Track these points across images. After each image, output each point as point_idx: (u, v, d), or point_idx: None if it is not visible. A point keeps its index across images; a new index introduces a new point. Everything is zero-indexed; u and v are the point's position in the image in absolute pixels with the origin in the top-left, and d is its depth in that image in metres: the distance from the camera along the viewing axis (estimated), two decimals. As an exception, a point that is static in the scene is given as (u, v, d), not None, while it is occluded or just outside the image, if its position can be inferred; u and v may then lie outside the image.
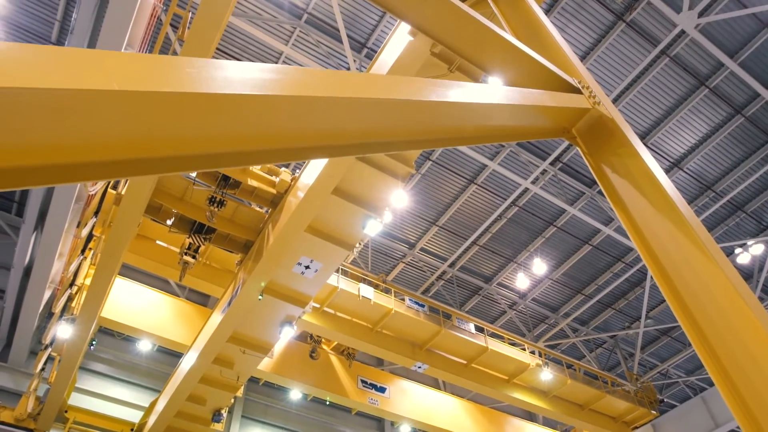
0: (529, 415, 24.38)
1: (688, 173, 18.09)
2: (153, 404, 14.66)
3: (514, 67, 4.06)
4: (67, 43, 12.26)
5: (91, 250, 12.47)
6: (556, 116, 3.56)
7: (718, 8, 14.07)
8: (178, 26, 12.08)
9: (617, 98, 16.39)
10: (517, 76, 4.01)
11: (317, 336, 16.87)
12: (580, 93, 3.71)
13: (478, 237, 20.77)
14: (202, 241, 11.02)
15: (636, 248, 3.38)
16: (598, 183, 3.65)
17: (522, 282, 21.59)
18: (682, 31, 14.63)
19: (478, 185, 18.93)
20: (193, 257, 11.03)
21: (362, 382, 17.66)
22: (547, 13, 14.39)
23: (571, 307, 23.15)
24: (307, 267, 10.36)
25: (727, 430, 19.19)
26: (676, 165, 17.95)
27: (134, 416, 16.21)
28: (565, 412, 19.02)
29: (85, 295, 11.31)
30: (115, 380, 17.97)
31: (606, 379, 20.18)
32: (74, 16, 9.92)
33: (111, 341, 18.34)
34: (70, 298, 12.77)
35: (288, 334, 11.69)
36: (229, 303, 10.96)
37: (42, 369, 14.03)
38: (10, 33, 15.08)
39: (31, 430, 13.82)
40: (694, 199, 18.70)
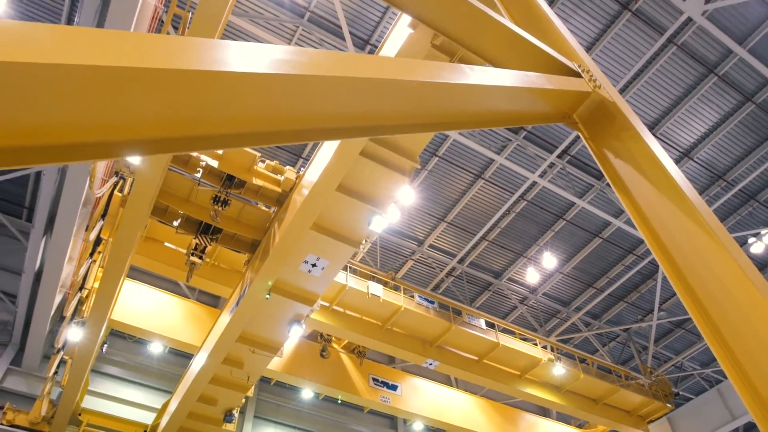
0: (542, 411, 24.23)
1: (698, 163, 17.85)
2: (165, 406, 14.72)
3: (513, 53, 3.98)
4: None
5: (101, 254, 12.53)
6: (555, 100, 3.48)
7: (725, -6, 13.87)
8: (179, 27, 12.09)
9: (624, 88, 16.19)
10: (517, 63, 3.93)
11: (327, 335, 16.86)
12: (579, 77, 3.63)
13: (487, 232, 20.65)
14: (209, 241, 11.03)
15: (640, 233, 3.30)
16: (600, 168, 3.57)
17: (532, 277, 21.43)
18: (689, 19, 14.42)
19: (486, 180, 18.81)
20: (200, 258, 11.03)
21: (374, 380, 17.64)
22: (551, 4, 14.25)
23: (583, 301, 22.96)
24: (313, 265, 10.33)
25: (744, 423, 18.96)
26: (686, 155, 17.72)
27: (147, 418, 16.29)
28: (579, 407, 18.88)
29: (94, 298, 11.36)
30: (128, 382, 18.08)
31: (620, 373, 20.00)
32: (76, 20, 9.97)
33: (123, 344, 18.44)
34: (80, 302, 12.84)
35: (297, 332, 11.67)
36: (237, 303, 10.96)
37: (55, 372, 14.13)
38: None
39: (45, 434, 13.93)
40: (706, 189, 18.45)
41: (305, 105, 2.30)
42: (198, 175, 10.42)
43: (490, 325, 17.78)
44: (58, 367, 14.03)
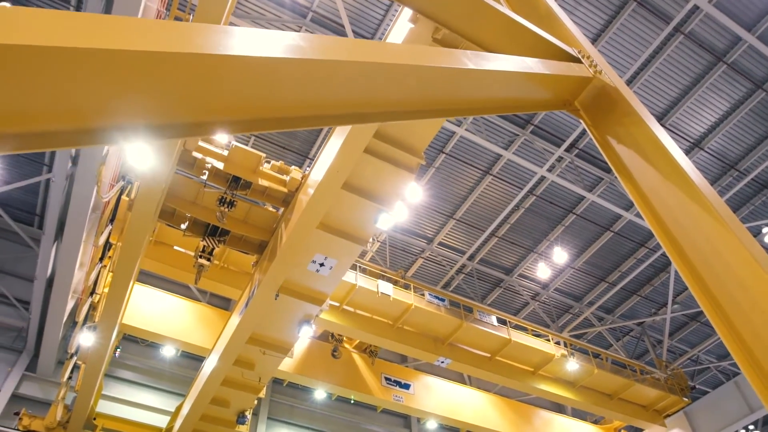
0: (557, 407, 24.05)
1: (709, 153, 17.62)
2: (179, 409, 14.76)
3: (513, 41, 3.92)
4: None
5: (111, 258, 12.59)
6: (555, 87, 3.41)
7: (732, -20, 13.68)
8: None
9: (632, 79, 16.02)
10: (517, 51, 3.86)
11: (338, 335, 16.83)
12: (579, 62, 3.56)
13: (497, 228, 20.54)
14: (216, 243, 11.04)
15: (645, 220, 3.22)
16: (603, 155, 3.49)
17: (543, 272, 21.28)
18: (696, 7, 14.23)
19: (494, 176, 18.70)
20: (208, 260, 11.04)
21: (386, 379, 17.57)
22: (555, -3, 14.12)
23: (595, 296, 22.76)
24: (321, 264, 10.30)
25: (763, 415, 18.68)
26: (696, 145, 17.50)
27: (161, 421, 16.35)
28: (594, 402, 18.70)
29: (104, 302, 11.41)
30: (141, 386, 18.19)
31: (634, 368, 19.79)
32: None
33: (135, 348, 18.55)
34: (92, 307, 12.91)
35: (307, 332, 11.64)
36: (246, 304, 10.95)
37: (69, 378, 14.23)
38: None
39: (60, 439, 14.03)
40: (717, 179, 18.21)
41: (306, 91, 2.32)
42: (204, 178, 10.42)
43: (502, 322, 17.66)
44: (72, 372, 14.12)
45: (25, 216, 19.08)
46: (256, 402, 14.10)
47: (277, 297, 10.45)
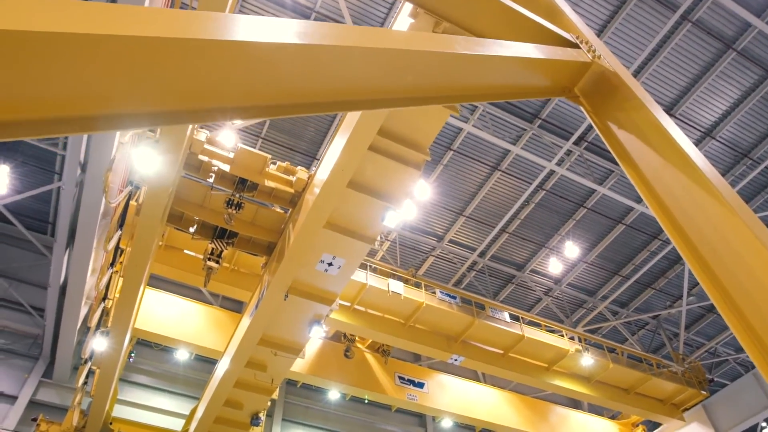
0: (573, 403, 23.84)
1: (721, 142, 17.37)
2: (193, 411, 14.83)
3: (510, 29, 3.87)
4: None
5: (122, 264, 12.67)
6: (553, 73, 3.35)
7: (739, -34, 13.47)
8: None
9: (640, 70, 15.84)
10: (514, 38, 3.82)
11: (351, 335, 16.82)
12: (578, 48, 3.50)
13: (507, 224, 20.41)
14: (225, 245, 11.06)
15: (648, 206, 3.15)
16: (605, 142, 3.43)
17: (555, 267, 21.10)
18: (703, -6, 14.04)
19: (503, 171, 18.59)
20: (217, 262, 11.06)
21: (399, 378, 17.53)
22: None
23: (609, 290, 22.54)
24: (330, 264, 10.28)
25: (784, 407, 18.38)
26: (708, 134, 17.26)
27: (177, 425, 16.45)
28: (610, 397, 18.52)
29: (115, 307, 11.49)
30: (156, 390, 18.31)
31: (651, 362, 19.56)
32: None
33: (149, 352, 18.67)
34: (106, 312, 13.00)
35: (317, 333, 11.63)
36: (256, 306, 10.97)
37: (84, 383, 14.34)
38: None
39: (77, 444, 14.14)
40: (731, 169, 17.95)
41: (305, 77, 2.34)
42: (210, 180, 10.44)
43: (515, 318, 17.55)
44: (87, 377, 14.23)
45: (38, 224, 19.29)
46: (269, 403, 14.11)
47: (286, 298, 10.45)
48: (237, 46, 1.94)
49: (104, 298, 12.54)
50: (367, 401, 20.26)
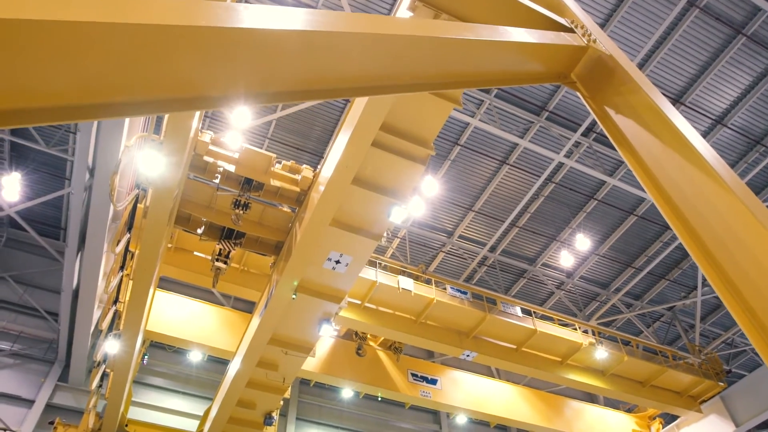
0: (589, 397, 23.67)
1: (733, 129, 17.09)
2: (207, 412, 14.91)
3: (505, 16, 3.82)
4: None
5: (132, 266, 12.75)
6: (548, 58, 3.29)
7: (746, -51, 13.22)
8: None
9: (647, 58, 15.62)
10: (508, 24, 3.77)
11: (362, 333, 16.81)
12: (572, 32, 3.43)
13: (517, 218, 20.27)
14: (232, 246, 11.08)
15: (646, 190, 3.08)
16: (602, 127, 3.36)
17: (567, 260, 20.89)
18: (710, -21, 13.82)
19: (511, 165, 18.46)
20: (225, 263, 11.08)
21: (412, 375, 17.49)
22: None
23: (622, 282, 22.31)
24: (337, 262, 10.26)
25: (804, 396, 18.04)
26: (719, 122, 16.99)
27: (191, 425, 16.56)
28: (626, 390, 18.32)
29: (125, 310, 11.56)
30: (170, 392, 18.44)
31: (666, 354, 19.33)
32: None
33: (163, 354, 18.81)
34: (118, 315, 13.10)
35: (327, 331, 11.61)
36: (266, 305, 10.98)
37: (99, 386, 14.47)
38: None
39: (94, 446, 14.27)
40: (743, 156, 17.66)
41: (304, 64, 2.37)
42: (216, 181, 10.47)
43: (527, 313, 17.42)
44: (101, 380, 14.35)
45: (51, 230, 19.50)
46: (282, 403, 14.14)
47: (294, 297, 10.45)
48: (248, 34, 2.00)
49: (115, 301, 12.64)
50: (380, 399, 20.24)
